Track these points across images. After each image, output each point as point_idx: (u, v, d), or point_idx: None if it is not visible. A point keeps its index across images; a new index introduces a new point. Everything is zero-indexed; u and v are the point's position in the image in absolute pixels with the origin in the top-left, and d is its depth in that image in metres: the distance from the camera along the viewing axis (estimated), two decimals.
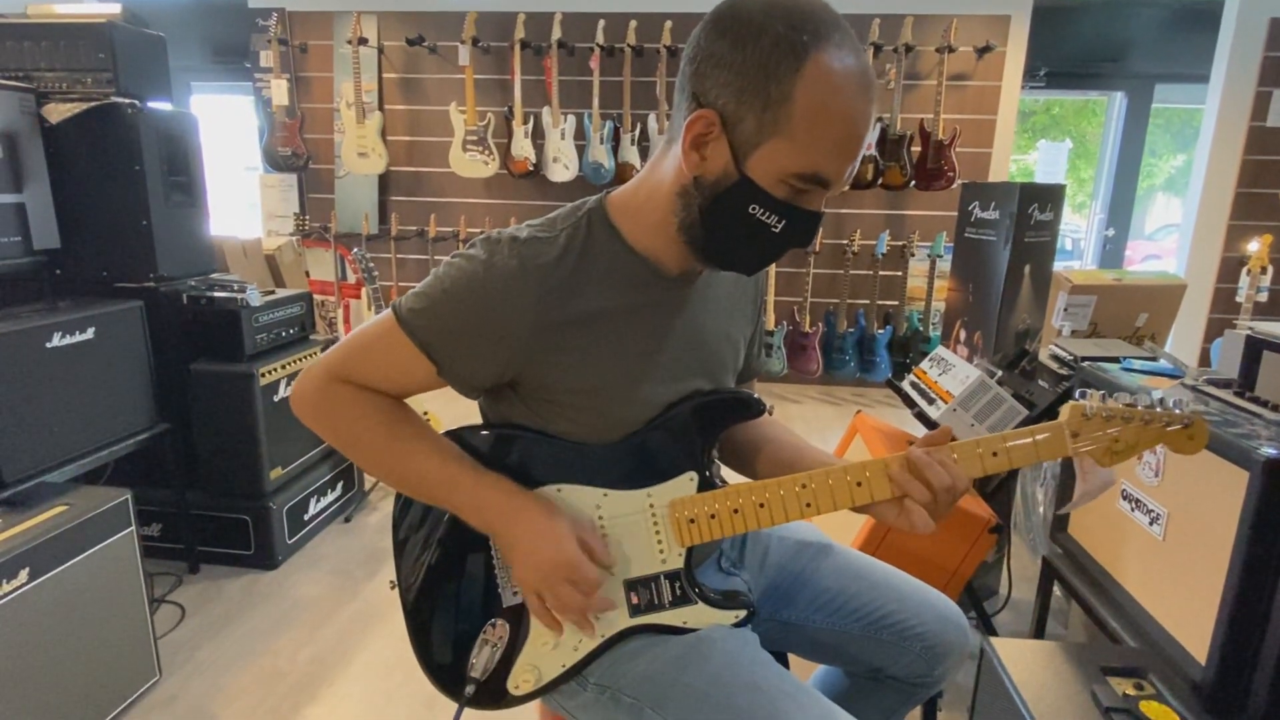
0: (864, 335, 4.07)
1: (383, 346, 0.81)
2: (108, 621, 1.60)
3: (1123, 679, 1.08)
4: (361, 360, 0.83)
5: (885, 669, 0.97)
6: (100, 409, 1.88)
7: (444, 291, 0.79)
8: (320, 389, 0.83)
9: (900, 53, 3.81)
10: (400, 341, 0.79)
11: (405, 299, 0.81)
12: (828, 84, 0.69)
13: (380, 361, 0.82)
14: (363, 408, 0.83)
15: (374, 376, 0.83)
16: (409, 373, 0.81)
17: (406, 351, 0.80)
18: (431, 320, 0.79)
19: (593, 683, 0.85)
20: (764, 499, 0.83)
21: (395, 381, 0.83)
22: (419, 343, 0.79)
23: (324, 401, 0.83)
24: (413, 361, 0.80)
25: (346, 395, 0.83)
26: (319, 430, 0.84)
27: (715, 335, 0.91)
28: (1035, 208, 1.95)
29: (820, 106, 0.69)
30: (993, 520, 1.59)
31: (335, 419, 0.83)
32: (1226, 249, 4.04)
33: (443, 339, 0.79)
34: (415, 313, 0.79)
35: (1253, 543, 1.02)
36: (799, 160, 0.71)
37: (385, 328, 0.81)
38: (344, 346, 0.83)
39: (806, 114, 0.69)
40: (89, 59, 2.04)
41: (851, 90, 0.70)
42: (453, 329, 0.79)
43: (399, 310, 0.80)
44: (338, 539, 2.53)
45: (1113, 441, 0.81)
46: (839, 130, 0.70)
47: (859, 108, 0.71)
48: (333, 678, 1.82)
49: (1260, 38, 3.80)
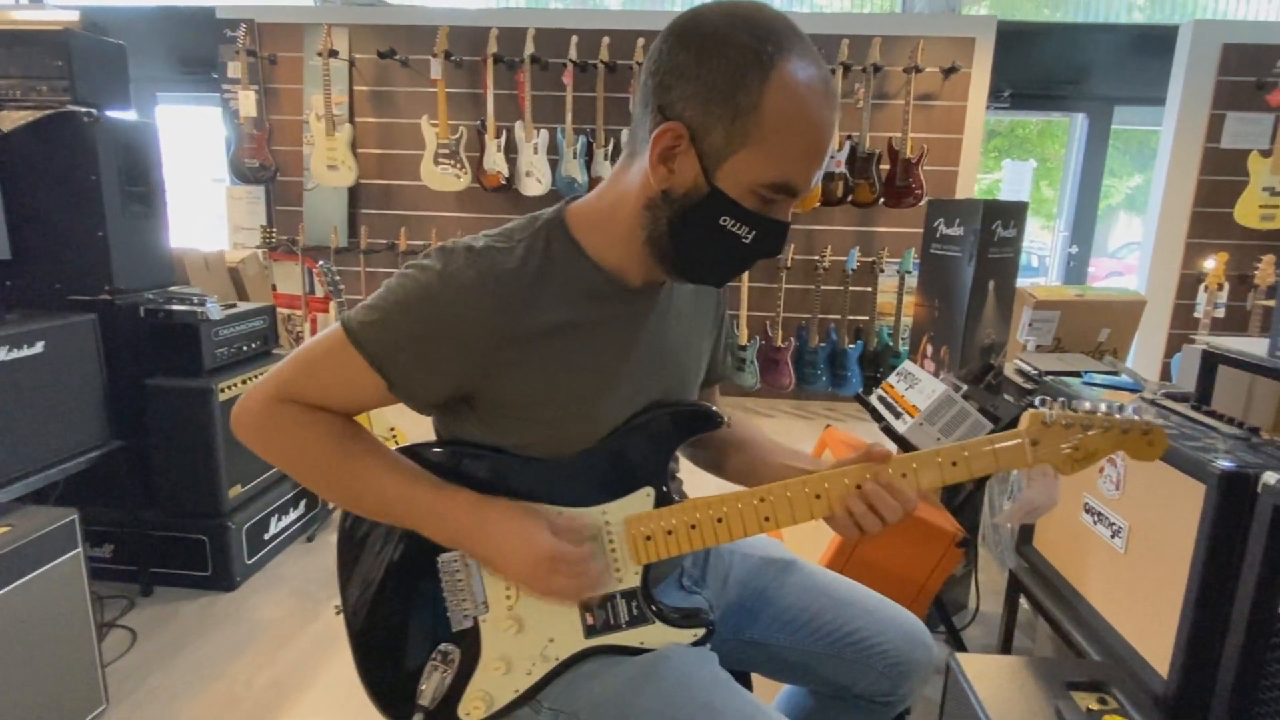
0: (835, 350, 4.10)
1: (331, 363, 0.78)
2: (51, 648, 1.53)
3: (1086, 693, 1.08)
4: (308, 378, 0.79)
5: (850, 688, 0.96)
6: (49, 426, 1.81)
7: (396, 303, 0.76)
8: (264, 409, 0.79)
9: (869, 73, 3.88)
10: (350, 357, 0.76)
11: (355, 312, 0.78)
12: (794, 93, 0.69)
13: (328, 379, 0.79)
14: (311, 428, 0.79)
15: (322, 394, 0.79)
16: (359, 389, 0.78)
17: (356, 367, 0.76)
18: (383, 333, 0.76)
19: (546, 707, 0.83)
20: (722, 513, 0.82)
21: (344, 399, 0.80)
22: (369, 357, 0.76)
23: (268, 422, 0.79)
24: (363, 377, 0.77)
25: (292, 415, 0.79)
26: (264, 454, 0.80)
27: (678, 346, 0.90)
28: (999, 224, 1.98)
29: (788, 116, 0.69)
30: (960, 534, 1.60)
31: (281, 441, 0.79)
32: (1185, 266, 4.15)
33: (394, 353, 0.76)
34: (366, 326, 0.76)
35: (1210, 555, 1.03)
36: (769, 170, 0.71)
37: (334, 343, 0.77)
38: (289, 364, 0.79)
39: (775, 124, 0.69)
40: (44, 67, 1.99)
41: (817, 99, 0.71)
42: (405, 343, 0.76)
43: (348, 324, 0.77)
44: (300, 559, 2.46)
45: (1073, 449, 0.81)
46: (807, 138, 0.71)
47: (824, 115, 0.72)
48: (291, 703, 1.76)
49: (1213, 63, 3.94)
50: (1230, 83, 3.94)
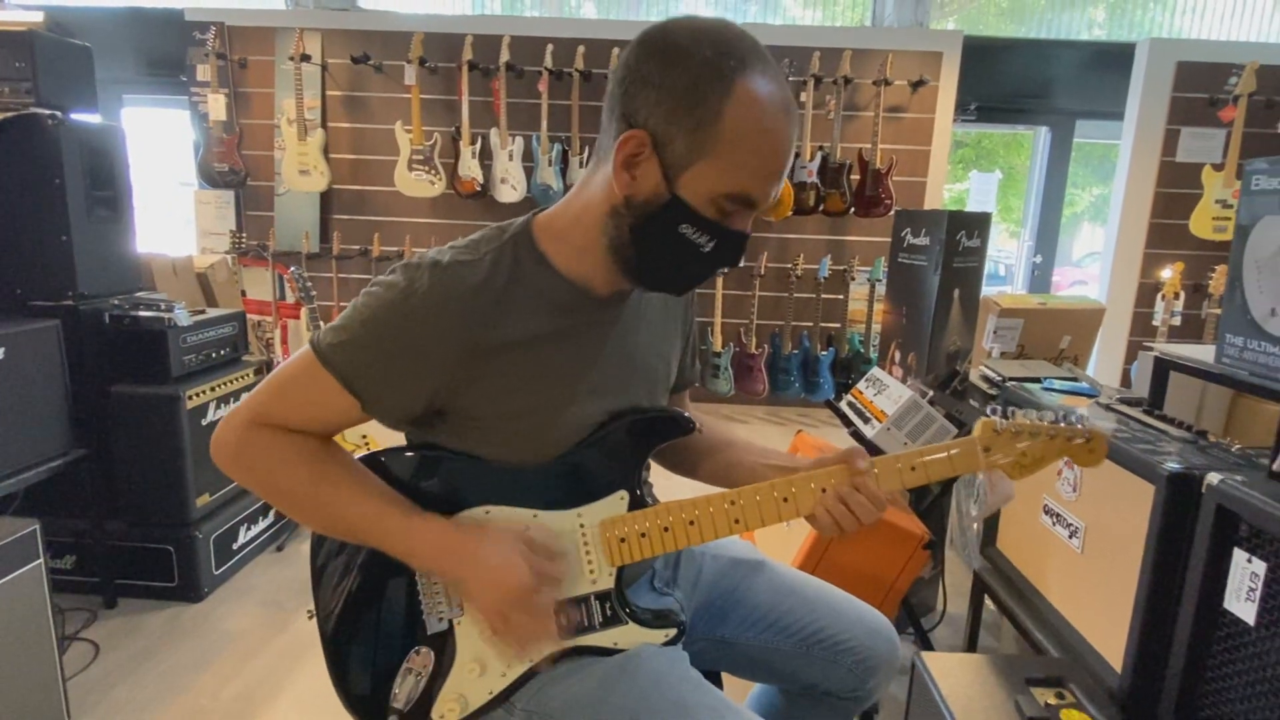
0: (808, 357, 4.16)
1: (302, 384, 0.78)
2: (10, 662, 1.49)
3: (1045, 689, 1.11)
4: (281, 401, 0.79)
5: (819, 685, 0.98)
6: (10, 433, 1.77)
7: (363, 323, 0.76)
8: (239, 436, 0.79)
9: (840, 85, 3.95)
10: (320, 377, 0.76)
11: (323, 332, 0.78)
12: (754, 108, 0.71)
13: (301, 400, 0.79)
14: (283, 452, 0.79)
15: (296, 417, 0.79)
16: (331, 410, 0.78)
17: (327, 387, 0.76)
18: (352, 353, 0.76)
19: (520, 709, 0.83)
20: (694, 516, 0.84)
21: (318, 420, 0.80)
22: (340, 377, 0.76)
23: (243, 449, 0.79)
24: (335, 398, 0.77)
25: (265, 440, 0.78)
26: (240, 479, 0.80)
27: (646, 352, 0.92)
28: (963, 234, 2.03)
29: (747, 129, 0.71)
30: (926, 536, 1.63)
31: (255, 467, 0.79)
32: (1143, 275, 4.28)
33: (364, 372, 0.76)
34: (334, 347, 0.76)
35: (1159, 553, 1.07)
36: (728, 181, 0.73)
37: (304, 364, 0.77)
38: (263, 388, 0.80)
39: (735, 136, 0.71)
40: (7, 68, 1.96)
41: (776, 114, 0.73)
42: (374, 361, 0.76)
43: (317, 345, 0.77)
44: (269, 569, 2.43)
45: (1021, 455, 0.85)
46: (766, 152, 0.73)
47: (783, 131, 0.73)
48: (259, 715, 1.74)
49: (1168, 80, 4.08)
50: (1184, 99, 4.09)
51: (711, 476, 0.99)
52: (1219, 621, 0.93)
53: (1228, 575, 0.92)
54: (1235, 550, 0.91)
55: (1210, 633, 0.94)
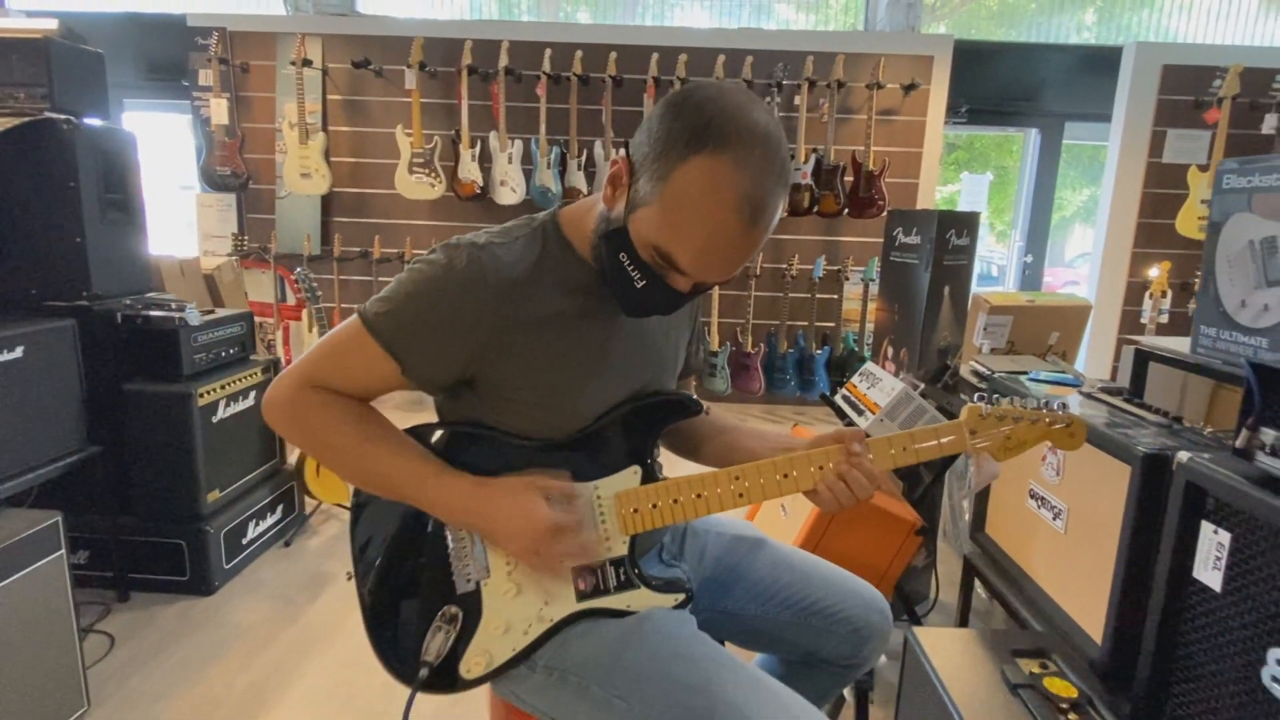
0: (803, 355, 4.22)
1: (350, 349, 0.85)
2: (34, 649, 1.54)
3: (1029, 659, 1.18)
4: (329, 364, 0.86)
5: (816, 652, 1.05)
6: (27, 430, 1.82)
7: (406, 294, 0.84)
8: (290, 396, 0.86)
9: (833, 88, 4.03)
10: (366, 343, 0.84)
11: (370, 303, 0.86)
12: (700, 184, 0.73)
13: (347, 364, 0.86)
14: (331, 411, 0.86)
15: (342, 379, 0.87)
16: (374, 374, 0.85)
17: (372, 353, 0.84)
18: (395, 322, 0.84)
19: (541, 665, 0.90)
20: (701, 491, 0.90)
21: (361, 383, 0.87)
22: (383, 344, 0.84)
23: (294, 408, 0.86)
24: (378, 363, 0.84)
25: (315, 400, 0.86)
26: (290, 436, 0.87)
27: (657, 336, 0.99)
28: (952, 233, 2.10)
29: (688, 199, 0.74)
30: (918, 523, 1.70)
31: (305, 424, 0.87)
32: (1131, 275, 4.36)
33: (405, 339, 0.84)
34: (379, 316, 0.84)
35: (1135, 529, 1.14)
36: (660, 235, 0.78)
37: (352, 332, 0.85)
38: (313, 352, 0.87)
39: (675, 200, 0.75)
40: (23, 74, 2.01)
41: (724, 202, 0.73)
42: (415, 329, 0.83)
43: (364, 314, 0.85)
44: (277, 563, 2.48)
45: (1005, 438, 0.91)
46: (698, 229, 0.75)
47: (721, 217, 0.74)
48: (271, 705, 1.78)
49: (1154, 82, 4.16)
50: (1170, 101, 4.18)
51: (713, 458, 1.05)
52: (1189, 590, 1.00)
53: (1196, 546, 0.98)
54: (1203, 523, 0.97)
55: (1181, 601, 1.00)
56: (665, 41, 4.06)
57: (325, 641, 2.04)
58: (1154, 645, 1.02)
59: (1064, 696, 1.08)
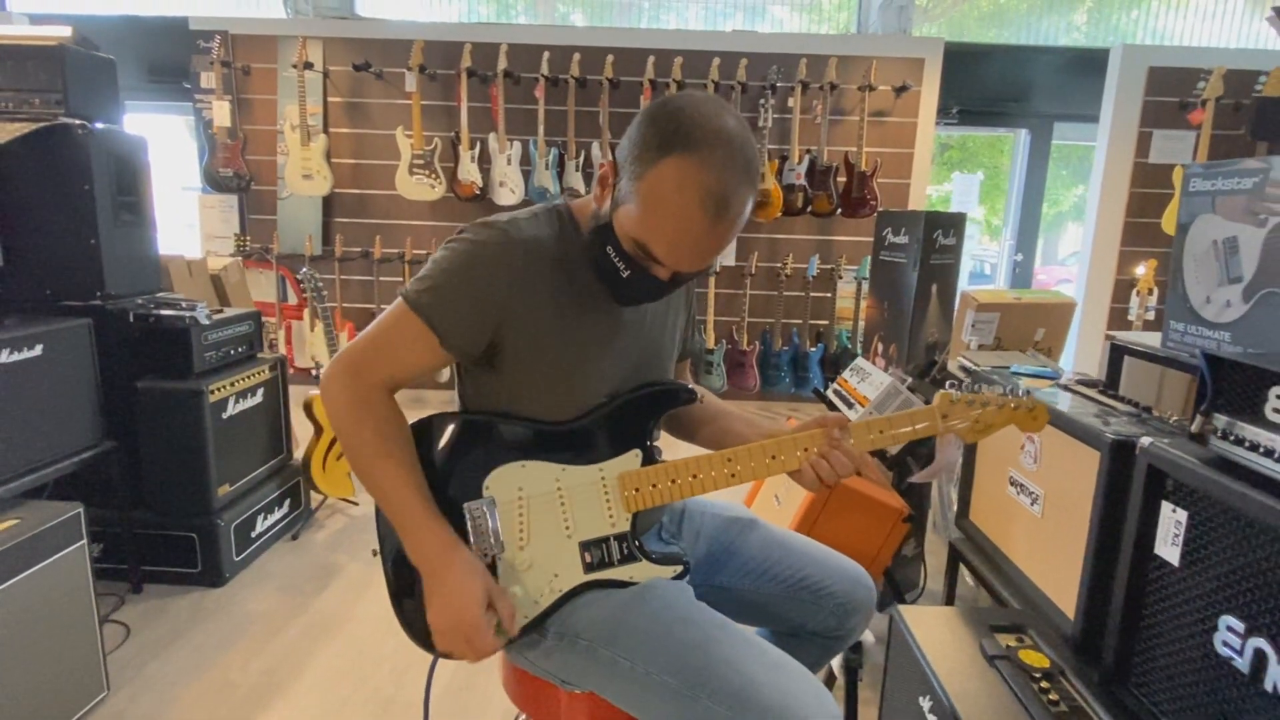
0: (798, 353, 4.30)
1: (394, 328, 0.94)
2: (56, 635, 1.60)
3: (1006, 634, 1.25)
4: (376, 344, 0.94)
5: (805, 625, 1.12)
6: (45, 426, 1.88)
7: (441, 270, 0.93)
8: (340, 382, 0.94)
9: (826, 90, 4.10)
10: (409, 320, 0.92)
11: (410, 283, 0.94)
12: (672, 182, 0.83)
13: (392, 339, 0.94)
14: (360, 413, 0.93)
15: (389, 359, 0.94)
16: (417, 349, 0.93)
17: (414, 329, 0.92)
18: (434, 296, 0.92)
19: (552, 631, 0.97)
20: (696, 472, 0.99)
21: (404, 362, 0.95)
22: (424, 317, 0.92)
23: (339, 395, 0.94)
24: (420, 338, 0.92)
25: (362, 396, 0.93)
26: (331, 417, 0.95)
27: (657, 323, 1.08)
28: (939, 233, 2.18)
29: (659, 196, 0.84)
30: (905, 510, 1.77)
31: (336, 412, 0.94)
32: (1119, 273, 4.45)
33: (442, 310, 0.92)
34: (419, 292, 0.93)
35: (1104, 510, 1.22)
36: (637, 229, 0.87)
37: (396, 312, 0.94)
38: (361, 337, 0.96)
39: (649, 199, 0.85)
40: (38, 80, 2.07)
41: (692, 198, 0.82)
42: (451, 301, 0.92)
43: (405, 294, 0.93)
44: (285, 556, 2.54)
45: (974, 421, 0.99)
46: (670, 224, 0.85)
47: (693, 215, 0.83)
48: (286, 687, 1.85)
49: (1140, 84, 4.25)
50: (1156, 103, 4.26)
51: (708, 441, 1.13)
52: (1150, 565, 1.07)
53: (1157, 524, 1.05)
54: (1163, 503, 1.05)
55: (1144, 575, 1.08)
56: (661, 44, 4.14)
57: (335, 629, 2.11)
58: (1120, 617, 1.10)
59: (1037, 667, 1.16)
